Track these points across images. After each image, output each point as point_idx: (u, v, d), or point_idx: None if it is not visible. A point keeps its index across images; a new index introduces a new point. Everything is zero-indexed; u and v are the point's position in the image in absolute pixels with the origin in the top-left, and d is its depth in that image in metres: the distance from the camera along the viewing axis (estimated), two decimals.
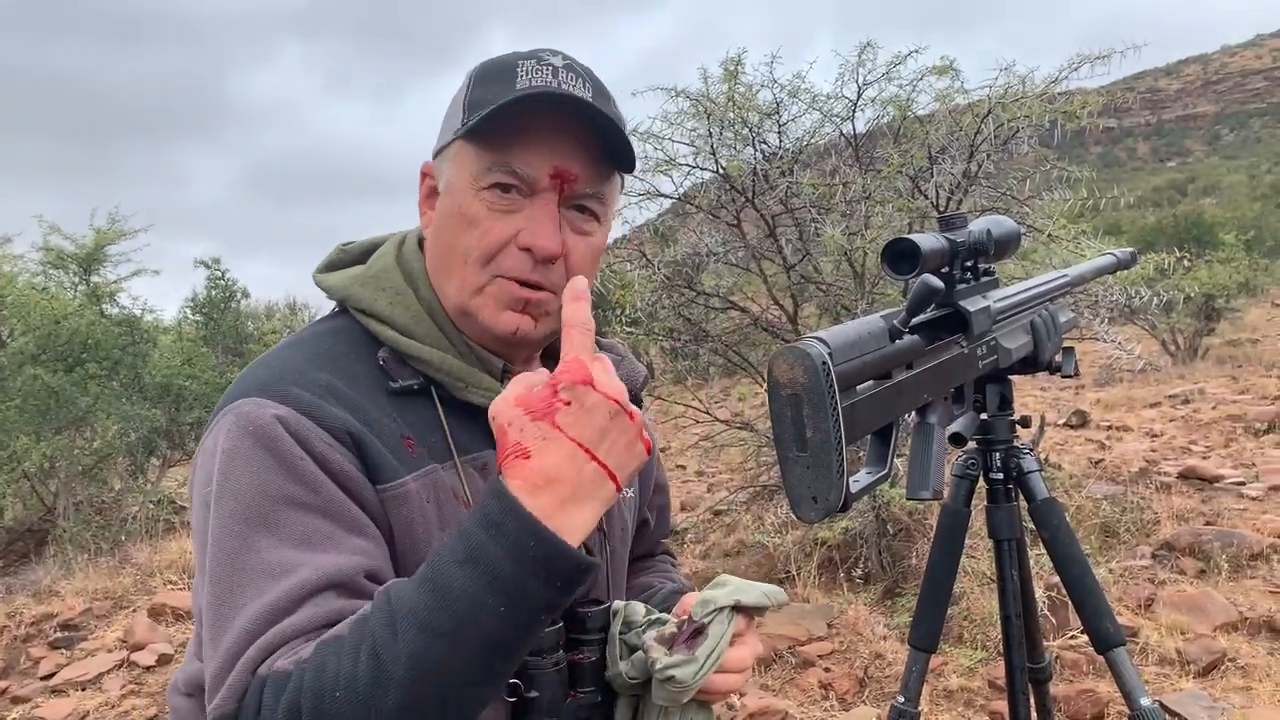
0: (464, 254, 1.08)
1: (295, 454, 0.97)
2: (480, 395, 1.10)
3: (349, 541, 0.97)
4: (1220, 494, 6.53)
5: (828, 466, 1.01)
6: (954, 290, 1.42)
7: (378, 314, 1.11)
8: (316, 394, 1.02)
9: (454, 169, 1.10)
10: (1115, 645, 1.69)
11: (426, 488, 1.05)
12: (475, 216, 1.07)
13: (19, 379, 8.89)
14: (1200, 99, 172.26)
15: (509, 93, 1.05)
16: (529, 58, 1.08)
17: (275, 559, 0.93)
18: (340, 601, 0.92)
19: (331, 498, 0.98)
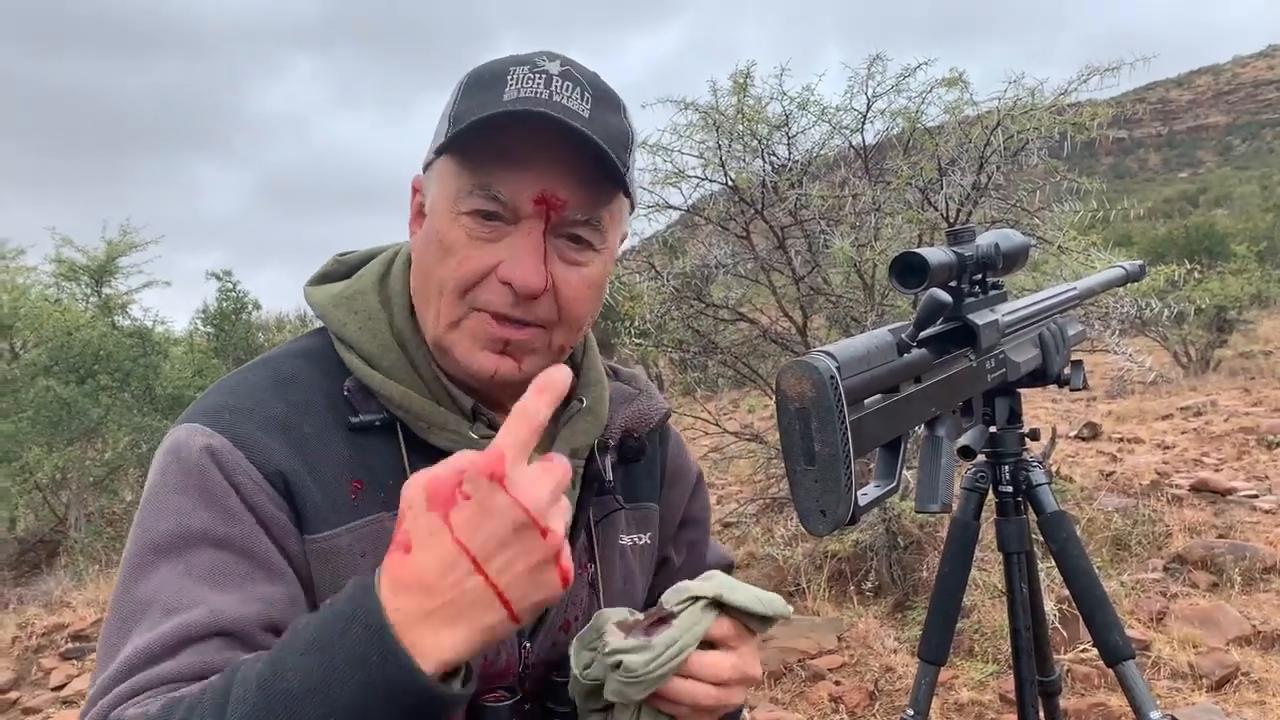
0: (440, 284, 0.97)
1: (220, 487, 0.91)
2: (445, 438, 0.99)
3: (257, 588, 0.89)
4: (1233, 507, 6.49)
5: (836, 480, 1.01)
6: (962, 304, 1.43)
7: (346, 340, 1.02)
8: (259, 425, 0.95)
9: (437, 188, 0.99)
10: (1125, 658, 1.69)
11: (364, 539, 0.95)
12: (453, 244, 0.96)
13: (31, 390, 8.95)
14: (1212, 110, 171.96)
15: (493, 104, 0.93)
16: (522, 63, 0.96)
17: (175, 592, 0.87)
18: (226, 653, 0.85)
19: (249, 537, 0.90)
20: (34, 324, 9.53)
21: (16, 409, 8.99)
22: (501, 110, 0.92)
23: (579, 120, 0.94)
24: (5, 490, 8.48)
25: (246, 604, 0.87)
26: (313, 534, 0.93)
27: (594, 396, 1.11)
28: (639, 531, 1.16)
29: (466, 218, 0.96)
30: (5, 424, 8.70)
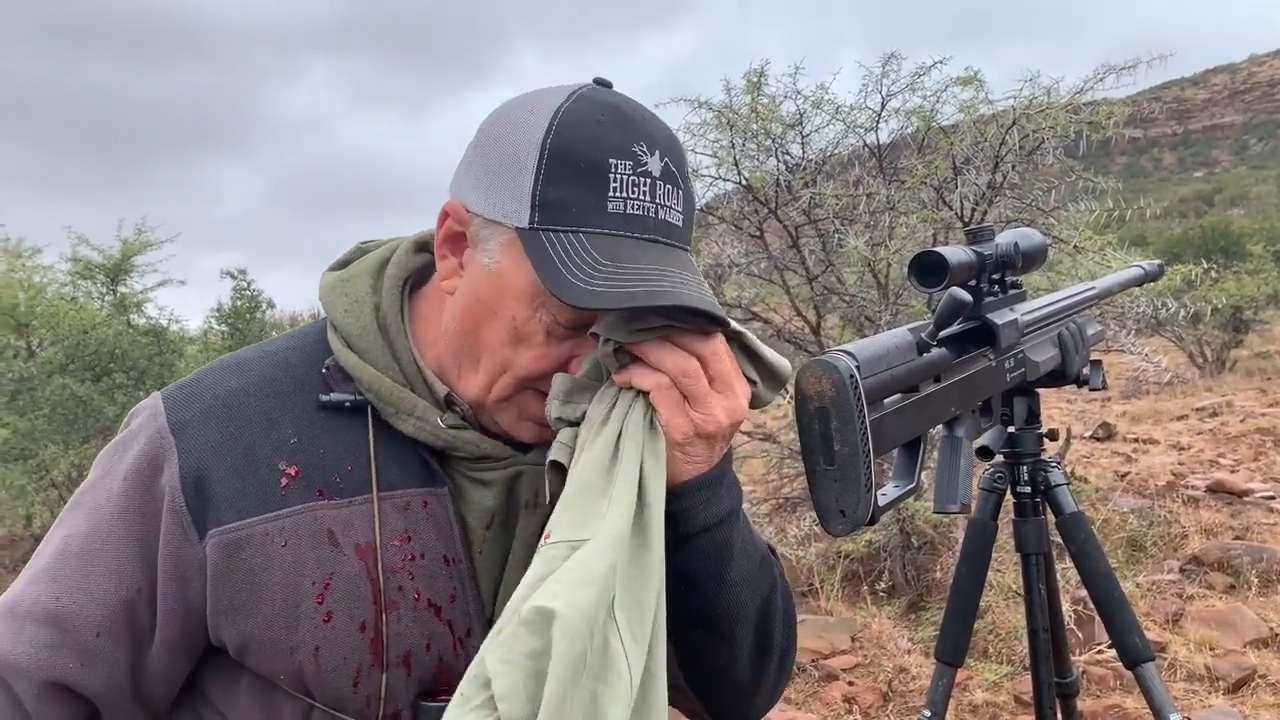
0: (502, 364, 0.94)
1: (134, 488, 0.96)
2: (411, 424, 0.97)
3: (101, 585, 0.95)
4: (1249, 508, 6.45)
5: (855, 480, 1.01)
6: (982, 303, 1.42)
7: (333, 319, 1.01)
8: (204, 408, 0.97)
9: (508, 261, 0.91)
10: (1144, 660, 1.68)
11: (285, 530, 0.93)
12: (530, 336, 0.92)
13: (48, 388, 9.00)
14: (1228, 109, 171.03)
15: (596, 217, 0.88)
16: (622, 154, 0.89)
17: (51, 559, 0.97)
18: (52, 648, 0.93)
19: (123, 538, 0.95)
20: (50, 322, 9.58)
21: (33, 406, 9.05)
22: (642, 305, 0.84)
23: (698, 290, 0.88)
24: (22, 487, 8.53)
25: (86, 600, 0.94)
26: (222, 525, 0.93)
27: None
28: None
29: (550, 316, 0.91)
30: (22, 421, 8.75)
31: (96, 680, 0.95)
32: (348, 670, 0.94)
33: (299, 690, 0.95)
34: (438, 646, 0.97)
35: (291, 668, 0.94)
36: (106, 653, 0.95)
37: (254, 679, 0.97)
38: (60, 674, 0.93)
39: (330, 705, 0.95)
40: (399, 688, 0.95)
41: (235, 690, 0.99)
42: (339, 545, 0.94)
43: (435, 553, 0.97)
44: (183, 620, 0.96)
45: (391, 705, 0.95)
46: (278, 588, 0.93)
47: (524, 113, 0.92)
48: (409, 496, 0.97)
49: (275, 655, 0.94)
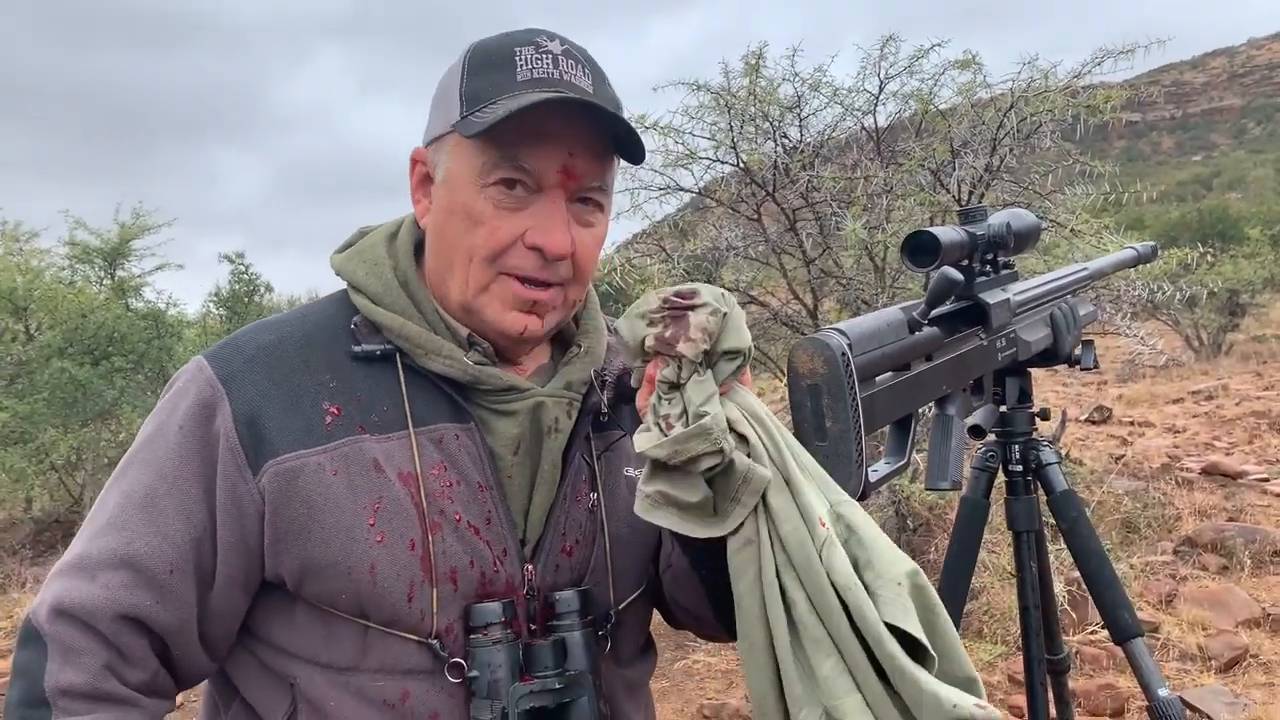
0: (469, 252, 1.06)
1: (191, 435, 1.04)
2: (440, 363, 1.07)
3: (172, 526, 1.03)
4: (1243, 490, 6.49)
5: (847, 456, 1.03)
6: (973, 283, 1.44)
7: (355, 283, 1.12)
8: (248, 360, 1.07)
9: (454, 162, 1.06)
10: (1133, 636, 1.70)
11: (335, 460, 1.03)
12: (480, 214, 1.04)
13: (46, 372, 9.00)
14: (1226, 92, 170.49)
15: (510, 85, 1.03)
16: (525, 43, 1.05)
17: (119, 511, 1.03)
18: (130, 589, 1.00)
19: (188, 480, 1.04)
20: (48, 306, 9.56)
21: (32, 390, 9.05)
22: (538, 100, 1.00)
23: (591, 97, 1.05)
24: (21, 471, 8.54)
25: (160, 542, 1.02)
26: (277, 456, 1.03)
27: (592, 341, 1.19)
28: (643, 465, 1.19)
29: (493, 189, 1.04)
30: (21, 405, 8.76)
31: (170, 616, 1.02)
32: (402, 586, 1.03)
33: (355, 612, 1.03)
34: (480, 564, 1.06)
35: (350, 587, 1.02)
36: (179, 589, 1.02)
37: (309, 610, 1.05)
38: (136, 609, 1.01)
39: (385, 624, 1.03)
40: (448, 602, 1.04)
41: (292, 623, 1.06)
42: (384, 472, 1.04)
43: (470, 480, 1.07)
44: (243, 555, 1.04)
45: (443, 619, 1.04)
46: (333, 510, 1.02)
47: (458, 57, 1.09)
48: (441, 430, 1.07)
49: (333, 576, 1.02)
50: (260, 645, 1.09)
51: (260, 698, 1.08)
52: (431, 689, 1.04)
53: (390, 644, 1.04)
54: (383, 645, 1.04)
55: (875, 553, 0.92)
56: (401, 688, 1.04)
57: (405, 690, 1.04)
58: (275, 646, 1.07)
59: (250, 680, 1.09)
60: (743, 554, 0.94)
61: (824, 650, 0.90)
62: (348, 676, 1.04)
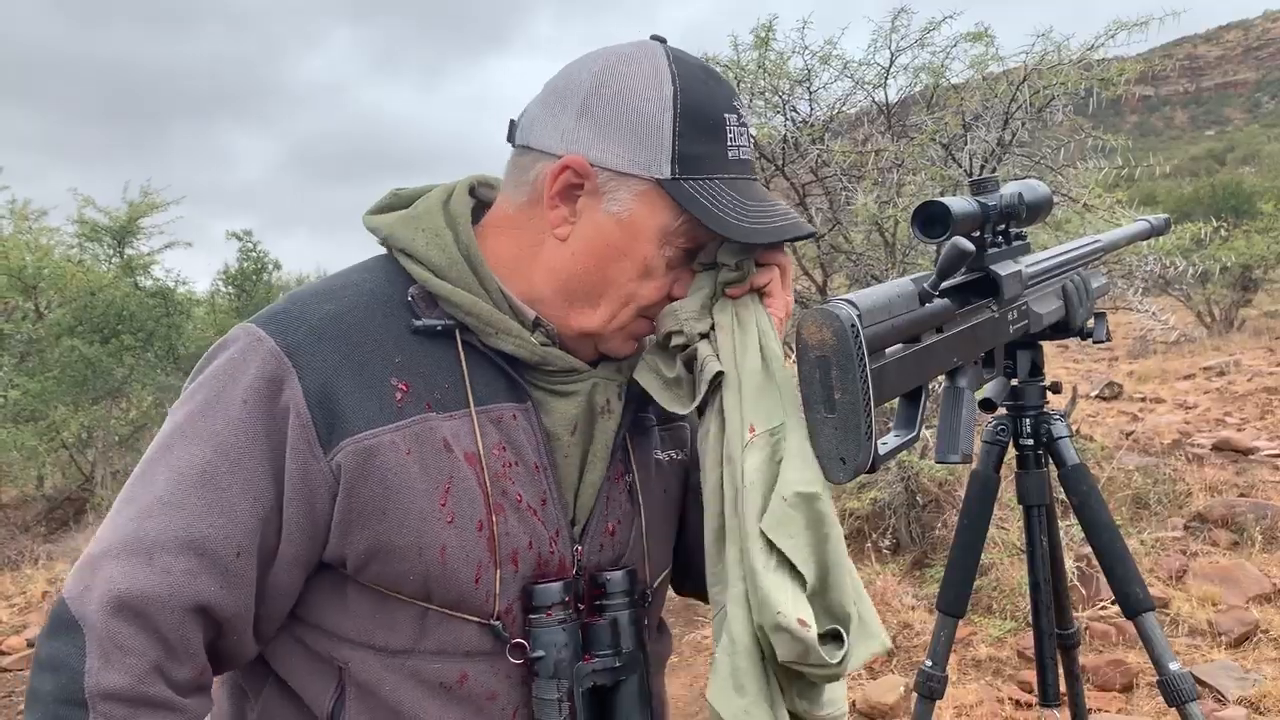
0: (629, 296, 1.07)
1: (254, 407, 0.98)
2: (510, 343, 1.06)
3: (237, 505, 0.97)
4: (1255, 466, 6.46)
5: (856, 428, 1.02)
6: (985, 254, 1.42)
7: (414, 252, 1.07)
8: (312, 330, 1.01)
9: (642, 208, 1.04)
10: (1144, 610, 1.69)
11: (407, 438, 1.00)
12: (655, 269, 1.06)
13: (57, 350, 9.05)
14: (1241, 66, 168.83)
15: (722, 162, 1.05)
16: (730, 110, 1.06)
17: (174, 488, 0.96)
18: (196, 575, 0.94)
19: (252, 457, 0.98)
20: (57, 284, 9.59)
21: (42, 368, 9.09)
22: (776, 238, 1.04)
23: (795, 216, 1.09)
24: (33, 449, 8.59)
25: (225, 523, 0.96)
26: (353, 434, 0.99)
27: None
28: (673, 448, 1.22)
29: (672, 251, 1.06)
30: (32, 383, 8.80)
31: (235, 601, 0.98)
32: (469, 568, 1.02)
33: (419, 594, 1.02)
34: (537, 545, 1.06)
35: (419, 569, 1.00)
36: (244, 573, 0.98)
37: (363, 592, 1.02)
38: (204, 598, 0.95)
39: (449, 606, 1.02)
40: (509, 583, 1.04)
41: (344, 606, 1.03)
42: (452, 452, 1.02)
43: (527, 460, 1.07)
44: (308, 534, 1.00)
45: (505, 600, 1.04)
46: (407, 491, 1.00)
47: (636, 74, 1.04)
48: (500, 410, 1.06)
49: (404, 558, 1.00)
50: (306, 629, 1.05)
51: (305, 683, 1.05)
52: (490, 671, 1.04)
53: (451, 626, 1.03)
54: (443, 627, 1.03)
55: (787, 469, 1.01)
56: (460, 670, 1.03)
57: (464, 672, 1.03)
58: (324, 630, 1.04)
59: (293, 665, 1.06)
60: (704, 444, 1.07)
61: (732, 540, 1.02)
62: (403, 659, 1.02)
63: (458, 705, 1.03)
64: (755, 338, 1.06)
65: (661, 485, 1.19)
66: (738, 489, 1.01)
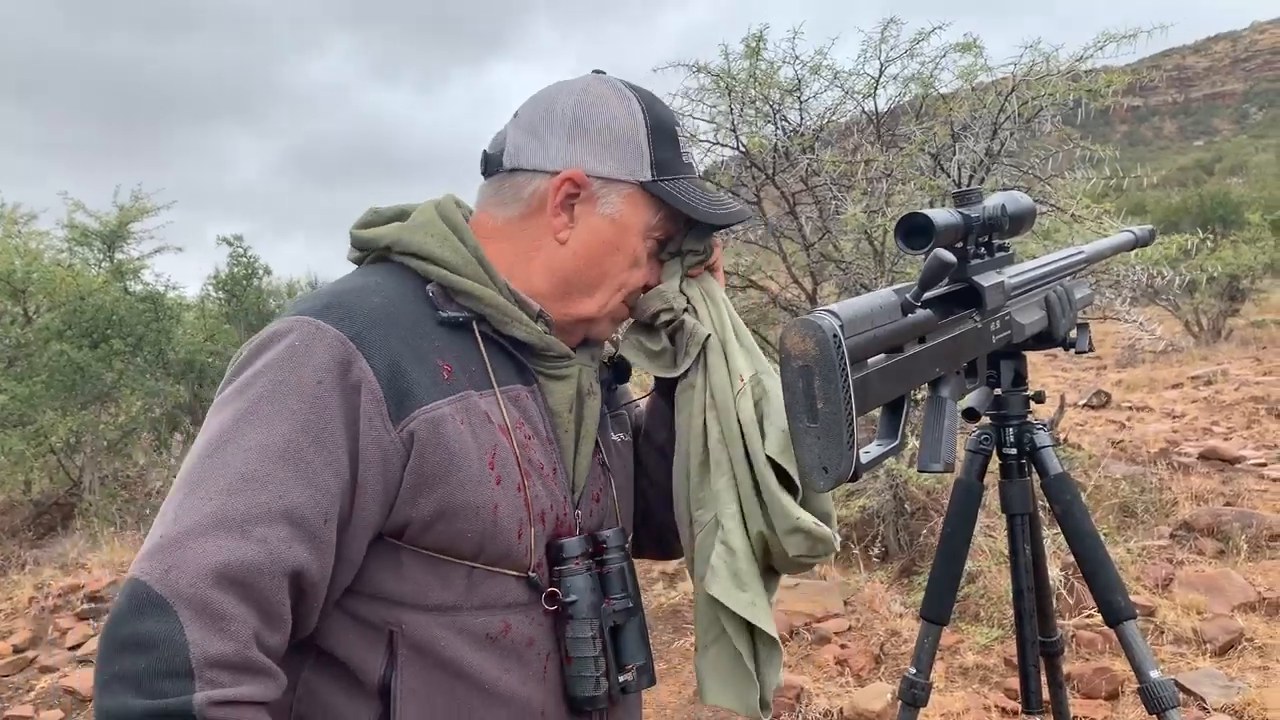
0: (622, 284, 1.25)
1: (328, 388, 1.05)
2: (523, 330, 1.20)
3: (320, 477, 1.03)
4: (1241, 475, 6.50)
5: (838, 437, 1.03)
6: (968, 265, 1.43)
7: (428, 254, 1.19)
8: (366, 318, 1.10)
9: (628, 208, 1.23)
10: (1125, 618, 1.70)
11: (459, 410, 1.12)
12: (640, 259, 1.25)
13: (45, 354, 9.01)
14: (1229, 77, 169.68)
15: (680, 165, 1.26)
16: (677, 124, 1.28)
17: (255, 465, 1.00)
18: (291, 543, 0.99)
19: (332, 432, 1.04)
20: (47, 288, 9.55)
21: (30, 373, 9.05)
22: (739, 220, 1.28)
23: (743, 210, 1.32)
24: (20, 453, 8.54)
25: (314, 493, 1.02)
26: (423, 406, 1.09)
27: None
28: (622, 432, 1.39)
29: (653, 241, 1.26)
30: (20, 387, 8.75)
31: (322, 567, 1.04)
32: (514, 525, 1.15)
33: (472, 553, 1.12)
34: (555, 507, 1.20)
35: (477, 527, 1.11)
36: (329, 540, 1.04)
37: (416, 557, 1.11)
38: (300, 564, 1.01)
39: (494, 562, 1.14)
40: (539, 540, 1.18)
41: (399, 572, 1.11)
42: (491, 422, 1.15)
43: (540, 434, 1.21)
44: (380, 501, 1.08)
45: (537, 555, 1.18)
46: (465, 456, 1.11)
47: (611, 98, 1.24)
48: (516, 390, 1.20)
49: (465, 516, 1.11)
50: (359, 600, 1.11)
51: (355, 652, 1.10)
52: (528, 619, 1.16)
53: (494, 581, 1.14)
54: (487, 583, 1.14)
55: (775, 408, 1.23)
56: (503, 621, 1.14)
57: (507, 623, 1.15)
58: (379, 597, 1.10)
59: (342, 637, 1.10)
60: (685, 394, 1.28)
61: (722, 470, 1.24)
62: (453, 616, 1.12)
63: (502, 654, 1.14)
64: (722, 305, 1.29)
65: (621, 463, 1.36)
66: (735, 428, 1.23)
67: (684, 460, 1.28)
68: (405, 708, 1.09)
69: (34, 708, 4.55)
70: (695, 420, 1.26)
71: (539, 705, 1.17)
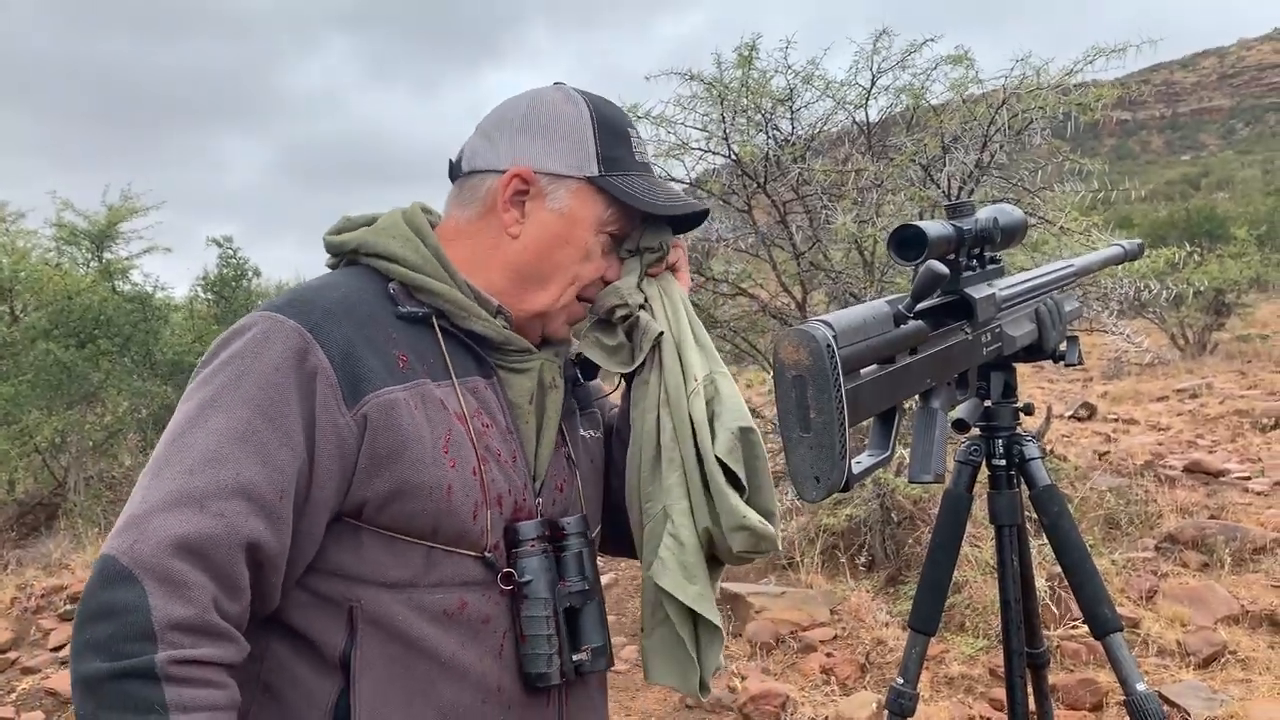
0: (573, 277, 1.28)
1: (284, 376, 1.11)
2: (480, 324, 1.24)
3: (277, 456, 1.08)
4: (1225, 488, 6.53)
5: (830, 447, 1.03)
6: (960, 277, 1.44)
7: (390, 254, 1.25)
8: (324, 311, 1.16)
9: (578, 203, 1.27)
10: (1112, 630, 1.71)
11: (414, 397, 1.17)
12: (592, 252, 1.29)
13: (31, 354, 8.96)
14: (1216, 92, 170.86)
15: (632, 162, 1.30)
16: (630, 125, 1.33)
17: (216, 446, 1.07)
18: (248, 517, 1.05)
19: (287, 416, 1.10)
20: (34, 287, 9.51)
21: (16, 372, 9.00)
22: (687, 211, 1.31)
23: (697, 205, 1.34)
24: (5, 453, 8.48)
25: (269, 470, 1.07)
26: (375, 390, 1.14)
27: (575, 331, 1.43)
28: (592, 428, 1.43)
29: (605, 236, 1.29)
30: (5, 387, 8.70)
31: (278, 541, 1.09)
32: (469, 506, 1.18)
33: (427, 532, 1.16)
34: (514, 492, 1.24)
35: (431, 506, 1.15)
36: (285, 515, 1.09)
37: (375, 536, 1.16)
38: (255, 536, 1.06)
39: (450, 542, 1.18)
40: (496, 522, 1.21)
41: (358, 551, 1.16)
42: (447, 409, 1.19)
43: (499, 424, 1.25)
44: (337, 480, 1.13)
45: (494, 536, 1.21)
46: (419, 439, 1.15)
47: (558, 99, 1.29)
48: (474, 382, 1.24)
49: (419, 496, 1.15)
50: (320, 576, 1.16)
51: (317, 627, 1.15)
52: (485, 598, 1.20)
53: (451, 561, 1.18)
54: (444, 562, 1.18)
55: (727, 409, 1.26)
56: (460, 598, 1.18)
57: (463, 600, 1.18)
58: (339, 574, 1.15)
59: (305, 612, 1.16)
60: (640, 390, 1.31)
61: (673, 466, 1.27)
62: (410, 592, 1.16)
63: (459, 630, 1.18)
64: (680, 305, 1.32)
65: (589, 458, 1.40)
66: (687, 427, 1.25)
67: (637, 454, 1.31)
68: (364, 680, 1.13)
69: (15, 709, 4.52)
70: (649, 416, 1.29)
71: (495, 681, 1.20)
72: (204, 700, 1.00)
